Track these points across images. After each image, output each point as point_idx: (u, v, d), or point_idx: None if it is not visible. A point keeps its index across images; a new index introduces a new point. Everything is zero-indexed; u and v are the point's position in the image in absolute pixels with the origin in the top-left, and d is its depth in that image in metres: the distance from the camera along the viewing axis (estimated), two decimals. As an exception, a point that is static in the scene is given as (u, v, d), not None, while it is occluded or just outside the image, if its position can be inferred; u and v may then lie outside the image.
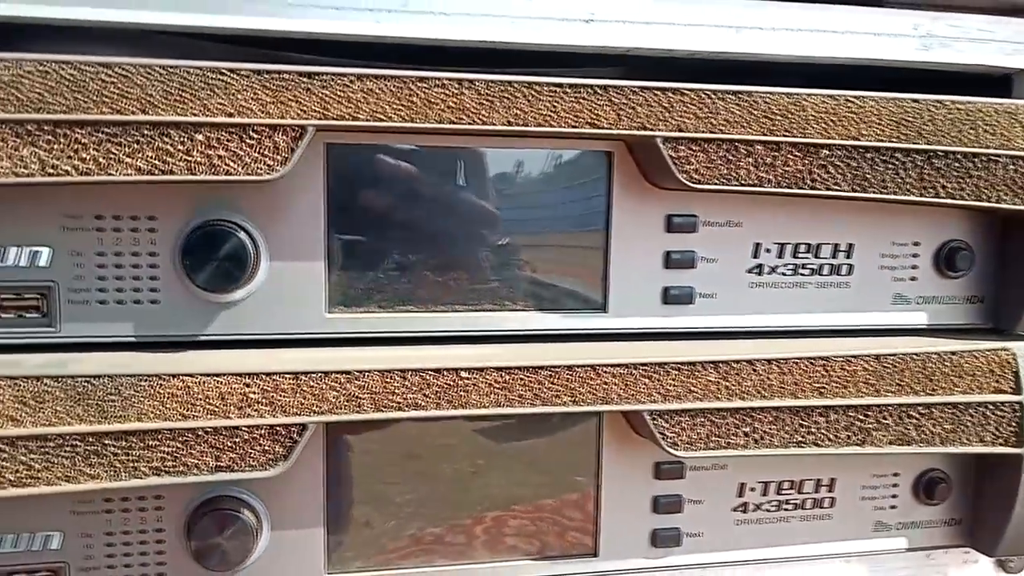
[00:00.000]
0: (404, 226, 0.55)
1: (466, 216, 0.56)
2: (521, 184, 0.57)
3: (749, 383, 0.58)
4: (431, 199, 0.55)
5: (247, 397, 0.50)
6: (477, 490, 0.60)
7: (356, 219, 0.54)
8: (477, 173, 0.56)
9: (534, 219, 0.58)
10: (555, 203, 0.58)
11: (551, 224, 0.58)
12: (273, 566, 0.57)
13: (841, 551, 0.67)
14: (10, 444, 0.48)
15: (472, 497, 0.60)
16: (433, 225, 0.56)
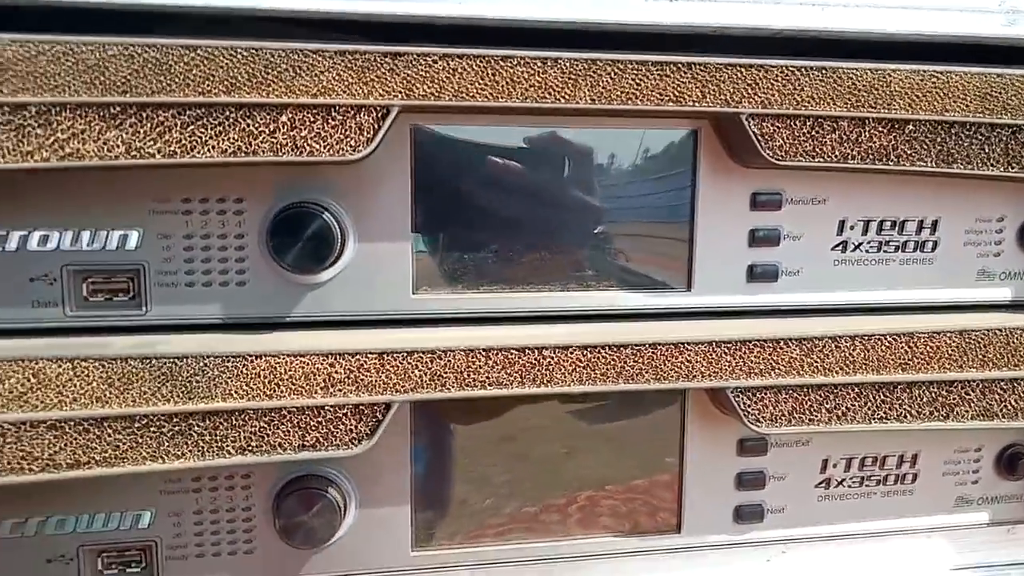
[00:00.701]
0: (490, 208, 0.53)
1: (551, 197, 0.54)
2: (606, 163, 0.55)
3: (832, 359, 0.56)
4: (517, 182, 0.54)
5: (332, 376, 0.49)
6: (563, 470, 0.58)
7: (443, 201, 0.52)
8: (562, 153, 0.54)
9: (619, 198, 0.55)
10: (640, 182, 0.55)
11: (636, 203, 0.56)
12: (360, 543, 0.56)
13: (923, 526, 0.65)
14: (97, 424, 0.47)
15: (557, 477, 0.58)
16: (518, 207, 0.54)
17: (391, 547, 0.57)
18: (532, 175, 0.54)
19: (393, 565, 0.57)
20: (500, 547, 0.58)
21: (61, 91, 0.43)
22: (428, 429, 0.55)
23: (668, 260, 0.57)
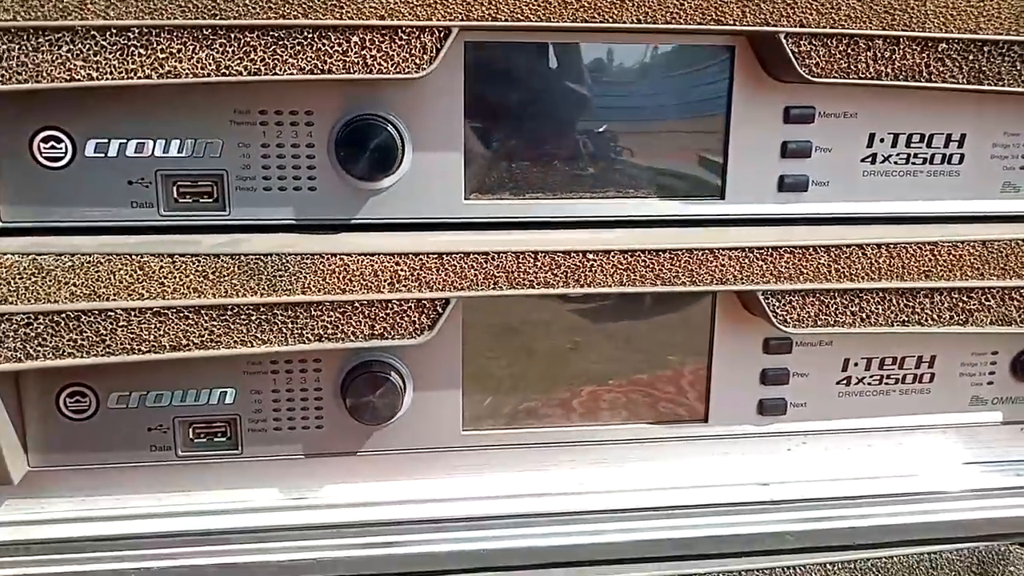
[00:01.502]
0: (536, 119, 0.58)
1: (591, 111, 0.59)
2: (645, 78, 0.59)
3: (858, 266, 0.61)
4: (560, 97, 0.58)
5: (397, 274, 0.56)
6: (600, 363, 0.65)
7: (491, 114, 0.57)
8: (603, 69, 0.58)
9: (657, 111, 0.60)
10: (678, 96, 0.60)
11: (674, 116, 0.60)
12: (416, 423, 0.64)
13: (938, 423, 0.71)
14: (195, 312, 0.55)
15: (593, 369, 0.65)
16: (561, 120, 0.59)
17: (444, 427, 0.64)
18: (574, 90, 0.58)
19: (446, 443, 0.65)
20: (538, 430, 0.66)
21: (160, 15, 0.48)
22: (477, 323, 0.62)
23: (703, 171, 0.61)
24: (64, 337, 0.53)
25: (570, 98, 0.58)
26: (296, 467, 0.63)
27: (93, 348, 0.54)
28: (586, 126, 0.59)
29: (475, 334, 0.62)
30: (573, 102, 0.59)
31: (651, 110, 0.60)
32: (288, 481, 0.64)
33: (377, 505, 0.65)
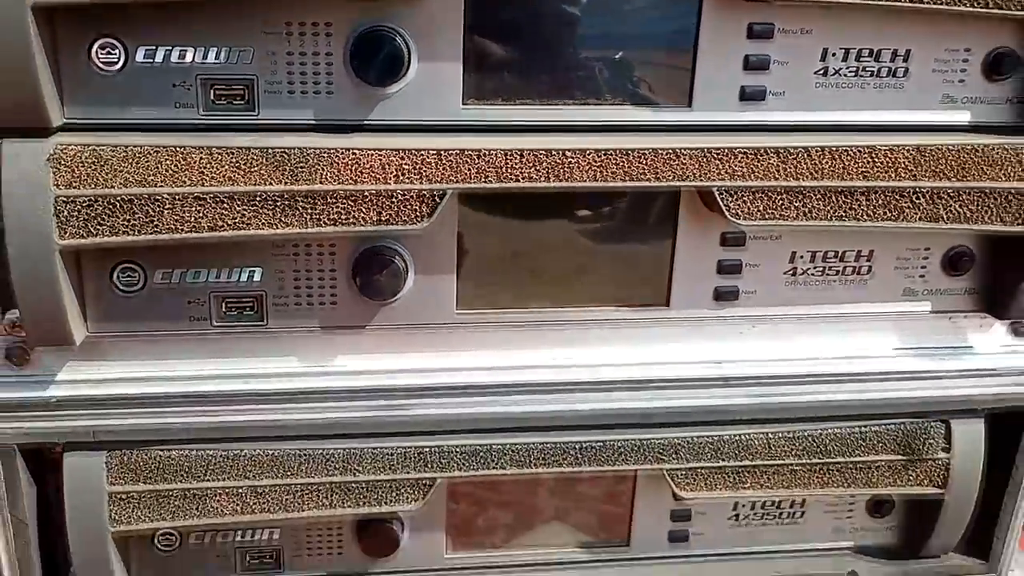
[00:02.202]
0: (525, 36, 0.67)
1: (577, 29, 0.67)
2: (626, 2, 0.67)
3: (804, 167, 0.70)
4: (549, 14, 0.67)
5: (402, 167, 0.65)
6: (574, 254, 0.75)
7: (489, 30, 0.66)
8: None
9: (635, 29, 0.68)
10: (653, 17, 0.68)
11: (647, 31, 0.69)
12: (416, 303, 0.73)
13: (874, 311, 0.81)
14: (229, 198, 0.64)
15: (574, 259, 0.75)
16: (549, 35, 0.67)
17: (440, 308, 0.74)
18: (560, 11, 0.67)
19: (442, 321, 0.75)
20: (522, 312, 0.75)
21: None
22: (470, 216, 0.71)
23: (673, 83, 0.70)
24: (119, 219, 0.63)
25: (556, 18, 0.67)
26: (313, 340, 0.73)
27: (143, 228, 0.63)
28: (570, 42, 0.68)
29: (468, 226, 0.72)
30: (559, 22, 0.67)
31: (629, 28, 0.68)
32: (307, 352, 0.74)
33: (383, 374, 0.75)
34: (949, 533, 0.89)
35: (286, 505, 0.76)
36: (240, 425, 0.74)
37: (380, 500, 0.78)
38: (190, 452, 0.74)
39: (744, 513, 0.89)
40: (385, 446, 0.76)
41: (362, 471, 0.76)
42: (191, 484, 0.74)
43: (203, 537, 0.80)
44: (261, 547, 0.81)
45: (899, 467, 0.85)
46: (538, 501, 0.85)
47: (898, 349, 0.83)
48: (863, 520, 0.91)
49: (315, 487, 0.76)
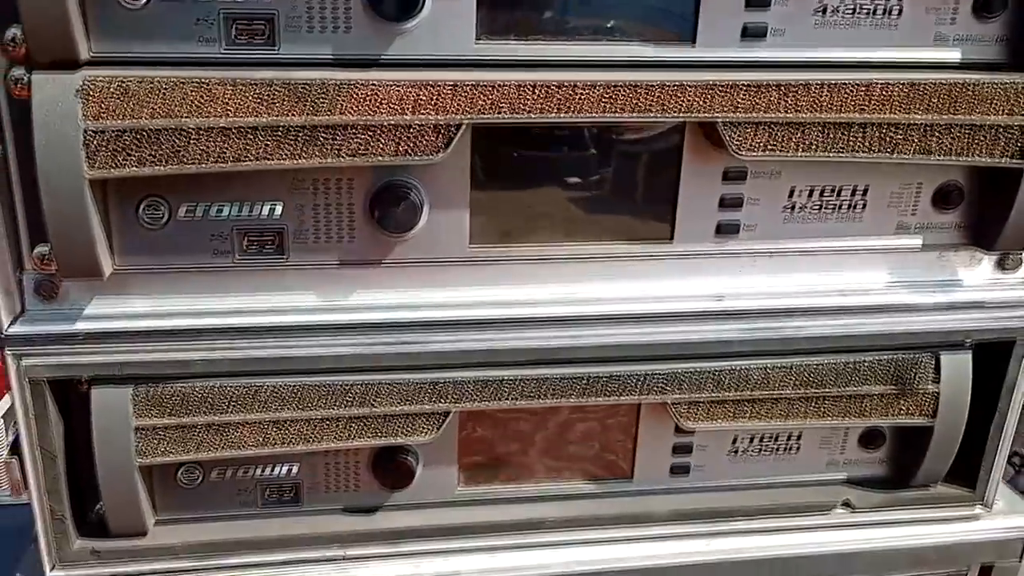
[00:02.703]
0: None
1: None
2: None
3: (803, 101, 0.71)
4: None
5: (418, 100, 0.66)
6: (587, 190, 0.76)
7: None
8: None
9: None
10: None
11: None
12: (430, 238, 0.74)
13: (868, 246, 0.82)
14: (252, 130, 0.64)
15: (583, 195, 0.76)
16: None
17: (454, 243, 0.75)
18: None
19: (455, 256, 0.76)
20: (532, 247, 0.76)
21: None
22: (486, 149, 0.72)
23: (678, 19, 0.71)
24: (146, 151, 0.63)
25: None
26: (332, 275, 0.74)
27: (169, 160, 0.64)
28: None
29: (481, 163, 0.73)
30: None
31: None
32: (325, 288, 0.75)
33: (398, 308, 0.76)
34: (937, 463, 0.91)
35: (306, 437, 0.77)
36: (261, 359, 0.74)
37: (397, 432, 0.79)
38: (213, 386, 0.74)
39: (742, 447, 0.90)
40: (401, 379, 0.77)
41: (379, 403, 0.77)
42: (214, 417, 0.75)
43: (225, 472, 0.81)
44: (281, 482, 0.82)
45: (891, 398, 0.87)
46: (546, 438, 0.86)
47: (890, 284, 0.84)
48: (855, 453, 0.93)
49: (334, 419, 0.77)
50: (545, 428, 0.86)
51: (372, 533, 0.83)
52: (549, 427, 0.86)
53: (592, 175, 0.76)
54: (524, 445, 0.86)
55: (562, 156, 0.74)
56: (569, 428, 0.86)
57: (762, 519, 0.90)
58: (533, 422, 0.85)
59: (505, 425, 0.85)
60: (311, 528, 0.82)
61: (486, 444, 0.85)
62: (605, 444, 0.88)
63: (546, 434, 0.86)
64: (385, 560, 0.83)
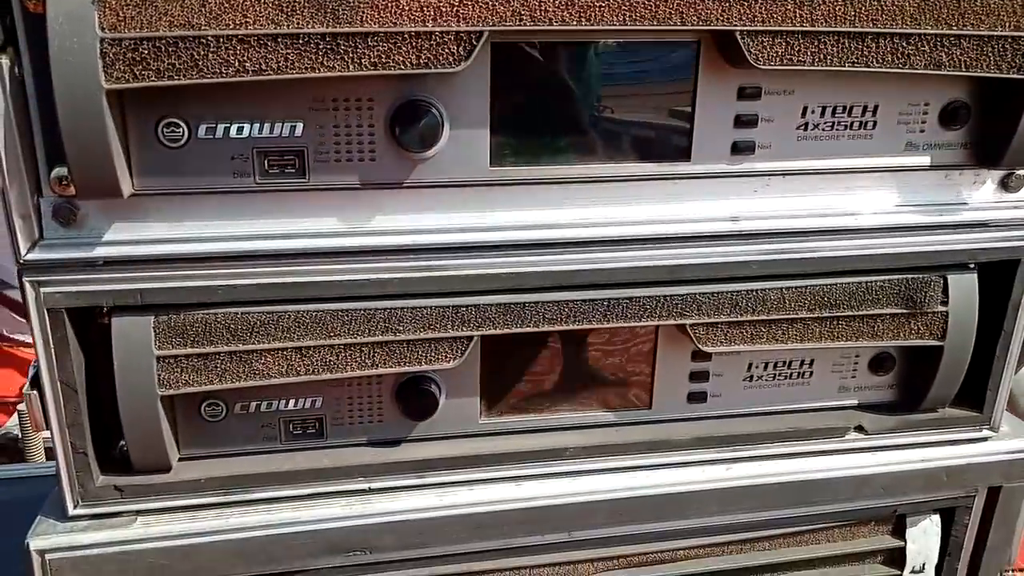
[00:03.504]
0: None
1: None
2: None
3: (819, 12, 0.68)
4: None
5: (439, 9, 0.62)
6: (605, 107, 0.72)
7: None
8: None
9: None
10: None
11: None
12: (451, 158, 0.70)
13: (878, 166, 0.80)
14: (273, 40, 0.60)
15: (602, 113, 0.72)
16: None
17: (474, 163, 0.71)
18: None
19: (475, 177, 0.72)
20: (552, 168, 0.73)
21: None
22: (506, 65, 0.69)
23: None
24: (164, 61, 0.59)
25: None
26: (353, 197, 0.70)
27: (188, 71, 0.60)
28: None
29: (500, 80, 0.69)
30: None
31: None
32: (346, 211, 0.71)
33: (420, 233, 0.72)
34: (946, 385, 0.88)
35: (330, 365, 0.73)
36: (283, 285, 0.70)
37: (420, 358, 0.75)
38: (235, 314, 0.70)
39: (758, 373, 0.87)
40: (424, 304, 0.73)
41: (402, 330, 0.73)
42: (237, 346, 0.71)
43: (248, 406, 0.77)
44: (304, 415, 0.78)
45: (902, 319, 0.84)
46: (566, 369, 0.83)
47: (899, 205, 0.82)
48: (866, 378, 0.90)
49: (358, 346, 0.73)
50: (565, 359, 0.82)
51: (397, 464, 0.79)
52: (569, 358, 0.82)
53: (610, 95, 0.72)
54: (545, 376, 0.83)
55: (580, 75, 0.71)
56: (588, 358, 0.83)
57: (779, 444, 0.87)
58: (553, 352, 0.82)
59: (526, 356, 0.81)
60: (335, 461, 0.78)
61: (508, 375, 0.82)
62: (624, 373, 0.84)
63: (566, 365, 0.83)
64: (410, 492, 0.79)
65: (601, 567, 0.87)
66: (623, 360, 0.84)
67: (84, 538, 0.72)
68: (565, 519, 0.82)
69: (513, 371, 0.82)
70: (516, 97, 0.70)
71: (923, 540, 0.95)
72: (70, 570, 0.72)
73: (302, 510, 0.76)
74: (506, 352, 0.80)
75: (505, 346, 0.80)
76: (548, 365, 0.82)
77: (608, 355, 0.83)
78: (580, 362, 0.83)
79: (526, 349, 0.81)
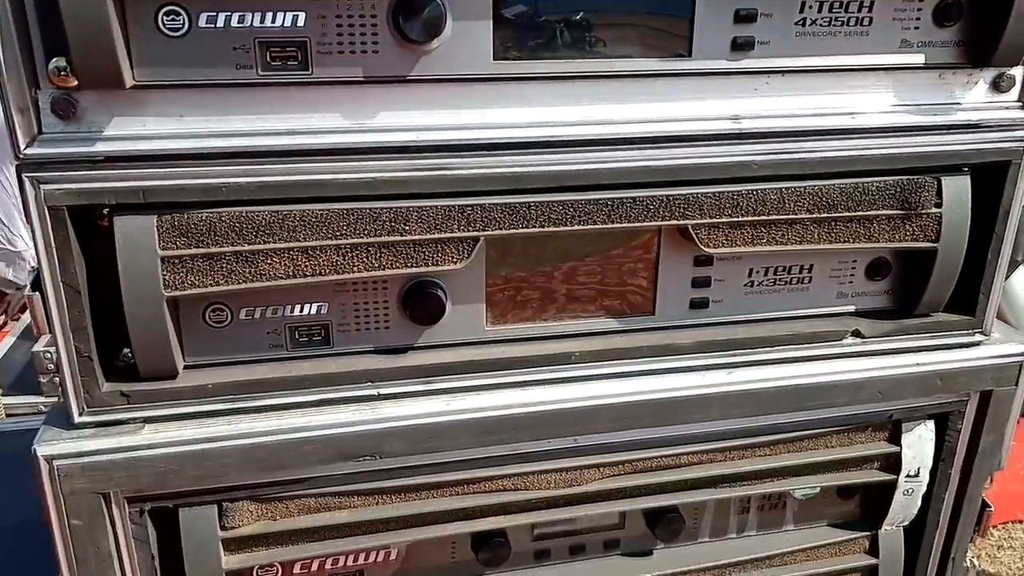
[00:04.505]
0: None
1: None
2: None
3: None
4: None
5: None
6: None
7: None
8: None
9: None
10: None
11: None
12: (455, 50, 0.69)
13: (874, 63, 0.79)
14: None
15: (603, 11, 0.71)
16: None
17: (477, 55, 0.69)
18: None
19: (478, 71, 0.70)
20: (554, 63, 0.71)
21: None
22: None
23: None
24: (164, -61, 0.57)
25: None
26: (356, 93, 0.68)
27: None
28: None
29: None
30: None
31: None
32: (350, 107, 0.69)
33: (424, 130, 0.71)
34: (940, 288, 0.88)
35: (336, 266, 0.72)
36: (288, 184, 0.69)
37: (427, 259, 0.74)
38: (240, 213, 0.69)
39: (758, 280, 0.87)
40: (430, 205, 0.72)
41: (409, 230, 0.72)
42: (242, 247, 0.69)
43: (253, 312, 0.75)
44: (310, 322, 0.77)
45: (897, 221, 0.84)
46: (570, 276, 0.82)
47: (894, 105, 0.81)
48: (863, 284, 0.90)
49: (364, 247, 0.72)
50: (569, 265, 0.81)
51: (404, 370, 0.78)
52: (573, 264, 0.81)
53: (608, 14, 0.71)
54: (550, 283, 0.82)
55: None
56: (592, 265, 0.82)
57: (778, 349, 0.87)
58: (558, 259, 0.81)
59: (531, 263, 0.80)
60: (343, 367, 0.77)
61: (512, 281, 0.80)
62: (628, 281, 0.83)
63: (571, 272, 0.82)
64: (418, 398, 0.78)
65: (606, 473, 0.87)
66: (627, 267, 0.83)
67: (93, 444, 0.70)
68: (571, 424, 0.82)
69: (518, 278, 0.81)
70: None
71: (918, 446, 0.96)
72: (79, 476, 0.70)
73: (311, 416, 0.75)
74: (511, 258, 0.79)
75: (510, 252, 0.78)
76: (553, 272, 0.81)
77: (612, 262, 0.82)
78: (584, 269, 0.82)
79: (531, 256, 0.80)
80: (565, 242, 0.80)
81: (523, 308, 0.82)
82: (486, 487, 0.83)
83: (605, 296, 0.83)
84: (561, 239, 0.79)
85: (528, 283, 0.81)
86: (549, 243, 0.79)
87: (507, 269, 0.79)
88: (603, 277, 0.83)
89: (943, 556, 1.02)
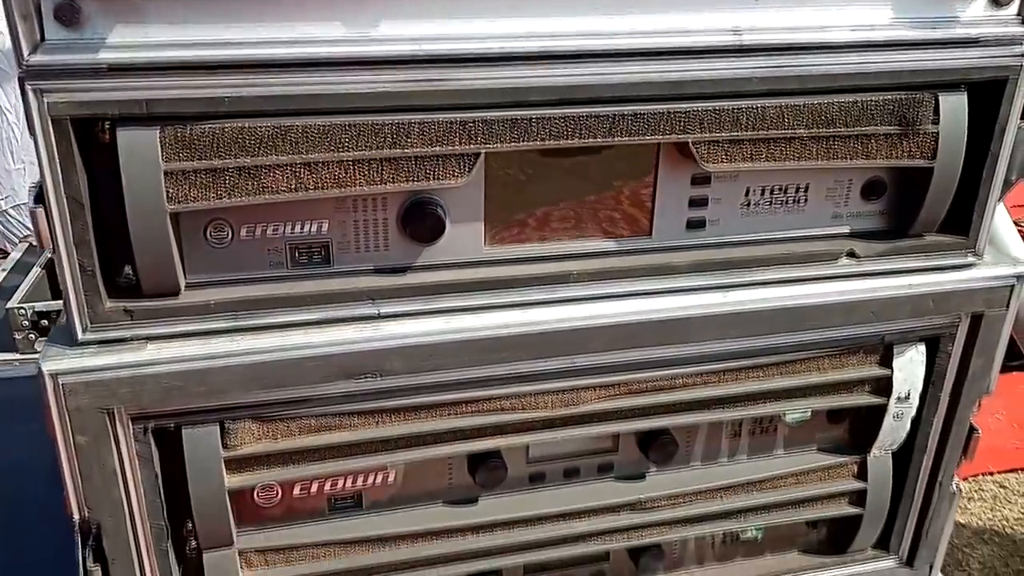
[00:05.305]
0: None
1: None
2: None
3: None
4: None
5: None
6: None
7: None
8: None
9: None
10: None
11: None
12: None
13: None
14: None
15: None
16: None
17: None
18: None
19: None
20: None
21: None
22: None
23: None
24: None
25: None
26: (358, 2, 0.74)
27: None
28: None
29: None
30: None
31: None
32: (352, 15, 0.74)
33: (426, 41, 0.76)
34: (935, 208, 0.96)
35: (338, 181, 0.77)
36: (290, 96, 0.74)
37: (428, 174, 0.79)
38: (243, 126, 0.74)
39: (754, 200, 0.94)
40: (431, 119, 0.78)
41: (410, 144, 0.78)
42: (245, 160, 0.74)
43: (254, 230, 0.80)
44: (311, 241, 0.82)
45: (894, 139, 0.91)
46: (570, 197, 0.88)
47: (893, 19, 0.87)
48: (858, 205, 0.98)
49: (366, 161, 0.77)
50: (568, 186, 0.88)
51: (404, 289, 0.84)
52: (572, 185, 0.88)
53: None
54: (548, 203, 0.88)
55: None
56: (590, 185, 0.88)
57: (774, 269, 0.94)
58: (557, 179, 0.87)
59: (530, 183, 0.86)
60: (344, 286, 0.83)
61: (512, 202, 0.87)
62: (625, 201, 0.90)
63: (569, 192, 0.88)
64: (418, 318, 0.85)
65: (603, 394, 0.94)
66: (625, 187, 0.89)
67: (97, 361, 0.76)
68: (569, 343, 0.89)
69: (517, 199, 0.87)
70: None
71: (909, 368, 1.04)
72: (84, 392, 0.75)
73: (313, 334, 0.81)
74: (510, 178, 0.85)
75: (509, 170, 0.85)
76: (551, 193, 0.88)
77: (610, 182, 0.89)
78: (583, 189, 0.88)
79: (529, 176, 0.86)
80: (564, 162, 0.86)
81: (522, 228, 0.88)
82: (484, 408, 0.90)
83: (603, 217, 0.90)
84: (560, 159, 0.85)
85: (527, 204, 0.87)
86: (549, 163, 0.86)
87: (506, 189, 0.86)
88: (601, 198, 0.89)
89: (930, 480, 1.11)
